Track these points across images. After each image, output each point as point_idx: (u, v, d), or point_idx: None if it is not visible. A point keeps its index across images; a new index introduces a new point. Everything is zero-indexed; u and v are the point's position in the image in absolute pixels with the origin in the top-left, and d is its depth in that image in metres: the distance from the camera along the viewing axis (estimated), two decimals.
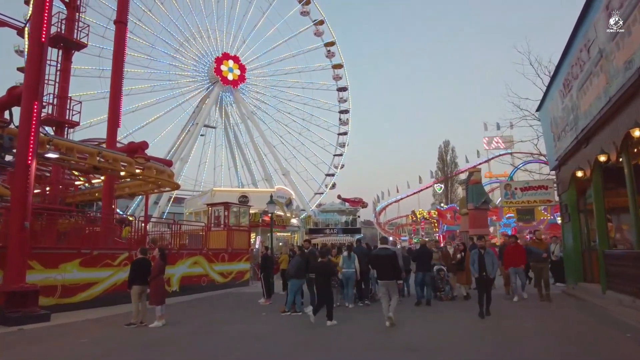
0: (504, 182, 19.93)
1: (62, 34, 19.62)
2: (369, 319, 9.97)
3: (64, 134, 19.73)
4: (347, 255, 12.22)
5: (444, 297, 12.50)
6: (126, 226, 21.53)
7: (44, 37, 11.29)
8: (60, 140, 13.59)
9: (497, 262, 9.60)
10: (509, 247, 12.18)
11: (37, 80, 11.03)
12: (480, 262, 9.12)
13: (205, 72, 49.01)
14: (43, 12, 11.40)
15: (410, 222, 73.02)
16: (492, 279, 9.30)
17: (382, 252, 9.18)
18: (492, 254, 9.22)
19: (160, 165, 18.06)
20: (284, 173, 49.52)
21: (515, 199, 16.26)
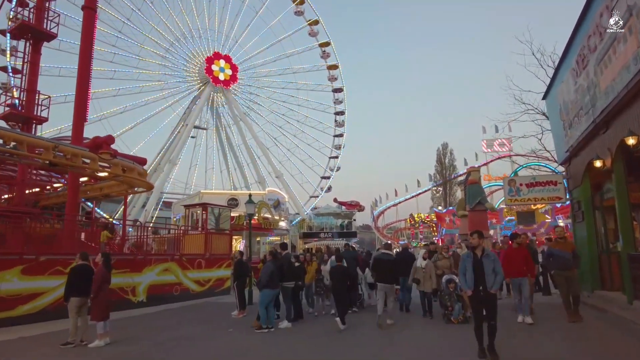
0: (507, 177, 18.32)
1: (29, 24, 18.20)
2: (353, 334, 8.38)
3: (32, 130, 18.24)
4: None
5: (454, 318, 9.12)
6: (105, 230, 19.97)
7: None
8: (6, 132, 12.00)
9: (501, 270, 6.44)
10: (510, 250, 9.27)
11: None
12: (476, 271, 6.22)
13: (196, 72, 47.49)
14: None
15: (409, 225, 71.50)
16: (494, 295, 6.22)
17: (384, 256, 9.59)
18: (494, 257, 6.36)
19: (129, 162, 16.47)
20: (277, 175, 47.89)
21: (521, 196, 14.65)
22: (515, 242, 9.25)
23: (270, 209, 31.32)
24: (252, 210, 14.44)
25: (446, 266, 10.04)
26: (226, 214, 20.73)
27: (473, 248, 6.41)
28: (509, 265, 8.53)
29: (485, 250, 6.36)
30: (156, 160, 44.88)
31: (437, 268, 10.00)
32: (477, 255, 6.32)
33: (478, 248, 6.35)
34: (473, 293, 6.24)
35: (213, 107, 50.11)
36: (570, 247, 8.95)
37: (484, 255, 6.29)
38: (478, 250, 6.34)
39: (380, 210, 76.10)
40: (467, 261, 6.39)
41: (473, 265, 6.25)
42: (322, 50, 55.16)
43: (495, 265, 6.25)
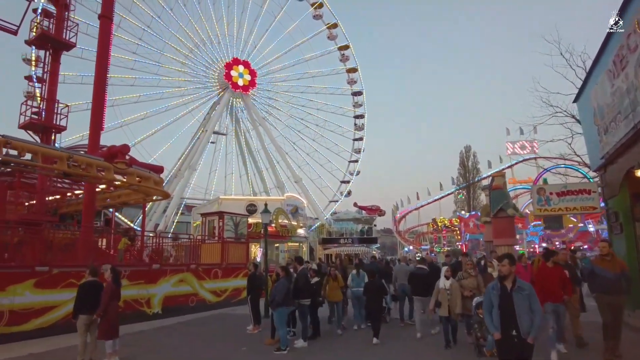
0: (536, 185, 17.39)
1: (50, 34, 18.30)
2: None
3: (51, 139, 18.34)
4: (355, 273, 11.26)
5: (487, 350, 7.58)
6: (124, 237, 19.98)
7: None
8: (20, 143, 11.92)
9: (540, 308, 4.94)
10: (544, 269, 7.74)
11: None
12: (505, 309, 4.80)
13: (216, 78, 47.75)
14: None
15: (432, 230, 70.13)
16: (530, 345, 4.73)
17: (419, 271, 10.26)
18: (530, 291, 4.85)
19: (145, 171, 16.31)
20: (296, 180, 47.60)
21: (551, 206, 13.75)
22: (551, 260, 7.79)
23: (288, 216, 30.94)
24: (267, 219, 14.03)
25: (473, 286, 8.52)
26: (244, 222, 20.45)
27: (502, 278, 4.97)
28: (542, 288, 7.15)
29: (517, 282, 4.90)
30: (176, 166, 45.22)
31: (462, 288, 8.50)
32: (506, 287, 4.89)
33: (508, 278, 4.91)
34: (502, 338, 4.81)
35: (232, 113, 50.27)
36: (618, 267, 7.32)
37: (515, 288, 4.83)
38: (508, 281, 4.89)
39: (402, 215, 74.92)
40: (493, 295, 4.96)
41: (501, 301, 4.83)
42: (341, 53, 54.77)
43: (532, 301, 4.79)
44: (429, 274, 9.96)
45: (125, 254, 17.79)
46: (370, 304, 9.82)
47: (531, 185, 33.89)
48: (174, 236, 22.85)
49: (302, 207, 36.37)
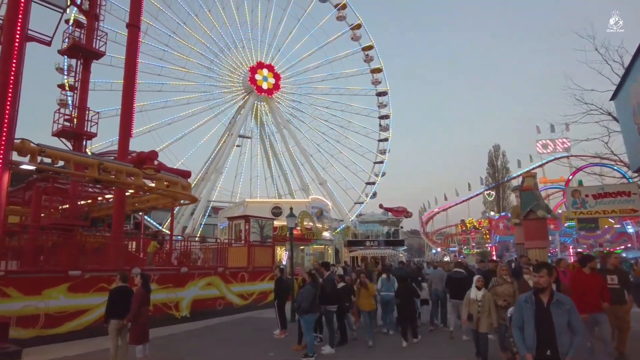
0: (571, 188, 16.70)
1: (80, 44, 18.84)
2: None
3: (82, 145, 18.88)
4: (385, 277, 11.21)
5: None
6: (153, 240, 20.39)
7: (18, 34, 9.97)
8: (53, 151, 12.29)
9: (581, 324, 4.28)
10: (579, 276, 7.12)
11: (9, 82, 9.69)
12: (541, 325, 4.15)
13: (240, 82, 48.30)
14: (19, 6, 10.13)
15: (460, 231, 68.85)
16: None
17: (456, 274, 10.56)
18: (570, 306, 4.18)
19: (173, 176, 16.57)
20: (320, 182, 47.53)
21: (587, 208, 13.15)
22: (588, 266, 7.16)
23: (313, 219, 30.88)
24: (293, 223, 14.01)
25: (509, 293, 7.72)
26: (269, 224, 20.52)
27: (538, 290, 4.26)
28: (579, 298, 6.49)
29: (555, 295, 4.23)
30: (203, 170, 45.93)
31: (497, 297, 7.70)
32: (541, 300, 4.20)
33: (545, 291, 4.23)
34: (534, 359, 4.15)
35: (257, 116, 50.70)
36: None
37: (553, 302, 4.15)
38: (545, 295, 4.21)
39: (429, 216, 73.84)
40: (526, 309, 4.25)
41: (536, 316, 4.17)
42: (365, 54, 54.46)
43: (573, 318, 4.12)
44: (467, 277, 10.05)
45: (154, 256, 18.16)
46: (403, 306, 9.99)
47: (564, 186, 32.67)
48: (201, 239, 23.20)
49: (327, 210, 36.26)
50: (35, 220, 16.94)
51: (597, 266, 7.56)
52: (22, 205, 20.35)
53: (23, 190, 19.47)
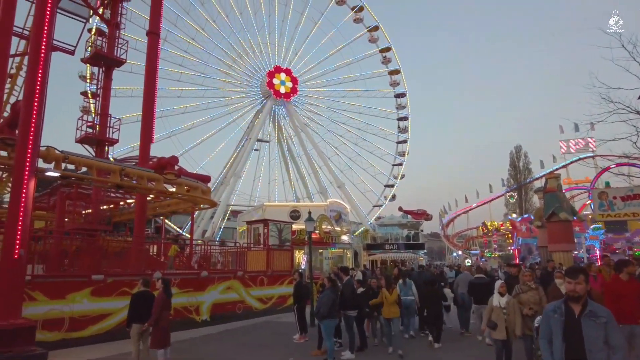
0: (597, 190, 16.20)
1: (102, 52, 19.26)
2: None
3: (104, 151, 19.28)
4: (402, 282, 11.16)
5: None
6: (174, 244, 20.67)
7: (44, 45, 10.22)
8: (77, 157, 12.56)
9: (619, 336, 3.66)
10: (616, 282, 6.47)
11: (35, 92, 9.93)
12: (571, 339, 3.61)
13: (258, 86, 48.70)
14: (44, 18, 10.39)
15: (481, 234, 67.61)
16: None
17: (478, 280, 10.68)
18: (608, 318, 3.56)
19: (193, 181, 16.78)
20: (339, 185, 47.45)
21: (615, 211, 12.75)
22: (625, 272, 6.44)
23: (331, 222, 30.79)
24: (311, 227, 13.98)
25: (534, 301, 7.18)
26: (288, 228, 20.55)
27: (571, 299, 3.66)
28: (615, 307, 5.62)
29: (589, 305, 3.61)
30: (222, 174, 46.39)
31: (522, 304, 7.17)
32: (572, 311, 3.62)
33: (580, 300, 3.62)
34: None
35: (275, 120, 50.99)
36: None
37: (586, 313, 3.56)
38: (577, 304, 3.62)
39: (450, 218, 72.79)
40: (554, 321, 3.71)
41: (565, 328, 3.62)
42: (383, 56, 54.27)
43: (611, 333, 3.54)
44: (489, 282, 10.12)
45: (175, 260, 18.40)
46: (430, 310, 10.21)
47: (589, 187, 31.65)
48: (220, 243, 23.40)
49: (345, 213, 36.13)
50: (59, 225, 17.36)
51: (636, 272, 6.81)
52: (47, 211, 20.89)
53: (48, 196, 19.98)
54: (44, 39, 10.28)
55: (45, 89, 10.30)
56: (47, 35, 10.39)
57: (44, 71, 10.15)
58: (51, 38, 10.79)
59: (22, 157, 9.64)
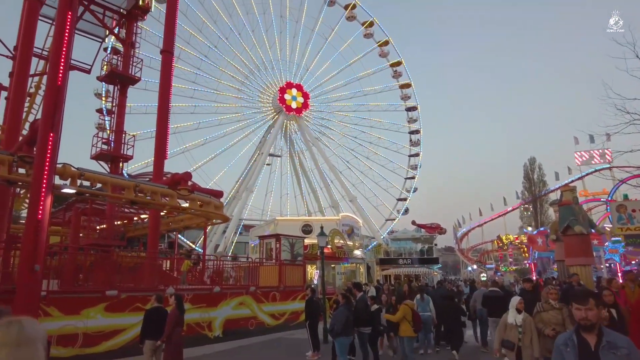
0: (616, 203, 15.88)
1: (118, 70, 19.68)
2: None
3: (119, 167, 19.56)
4: (419, 298, 11.25)
5: None
6: (187, 259, 20.73)
7: (62, 65, 10.50)
8: (92, 174, 12.77)
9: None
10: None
11: (53, 110, 10.17)
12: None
13: (270, 102, 49.20)
14: (63, 39, 10.69)
15: (496, 248, 66.55)
16: None
17: (492, 293, 10.88)
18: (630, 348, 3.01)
19: (206, 196, 16.87)
20: (351, 199, 47.27)
21: (634, 224, 12.43)
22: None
23: (344, 236, 30.61)
24: (324, 242, 13.91)
25: (557, 322, 6.51)
26: (300, 243, 20.49)
27: (584, 328, 3.16)
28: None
29: (605, 334, 3.10)
30: (234, 188, 46.67)
31: (543, 325, 6.54)
32: (587, 342, 3.12)
33: (592, 329, 3.13)
34: None
35: (286, 134, 51.32)
36: None
37: (603, 345, 3.05)
38: (592, 334, 3.12)
39: (464, 232, 71.87)
40: (567, 355, 3.22)
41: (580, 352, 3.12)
42: (394, 70, 54.49)
43: None
44: (504, 296, 10.29)
45: (187, 275, 18.43)
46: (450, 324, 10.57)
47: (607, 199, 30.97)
48: (232, 257, 23.42)
49: (357, 227, 35.89)
50: (74, 240, 17.57)
51: None
52: (62, 226, 21.19)
53: (63, 211, 20.29)
54: (62, 59, 10.56)
55: (63, 108, 10.55)
56: (66, 55, 10.68)
57: (61, 91, 10.41)
58: (69, 58, 11.09)
59: (39, 174, 9.84)
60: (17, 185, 12.78)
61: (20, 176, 11.38)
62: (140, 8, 19.59)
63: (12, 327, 1.85)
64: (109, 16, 19.02)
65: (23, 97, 14.85)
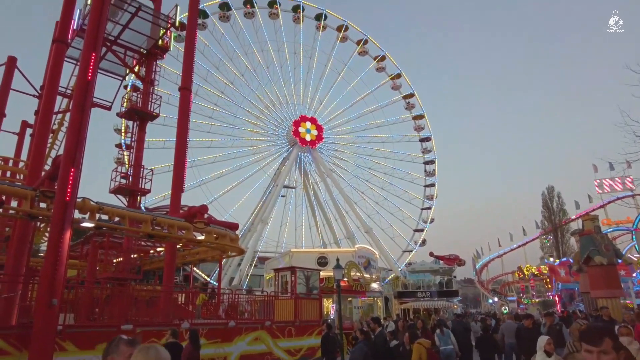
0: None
1: (137, 107, 20.29)
2: None
3: (137, 201, 19.83)
4: (439, 332, 10.97)
5: None
6: (202, 293, 20.60)
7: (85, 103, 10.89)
8: (111, 208, 12.95)
9: None
10: None
11: (75, 147, 10.47)
12: None
13: (285, 135, 49.98)
14: (87, 76, 11.14)
15: (518, 279, 64.58)
16: None
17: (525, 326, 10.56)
18: None
19: (222, 229, 16.90)
20: (366, 230, 46.86)
21: None
22: None
23: (360, 269, 30.13)
24: (340, 275, 13.71)
25: None
26: (315, 275, 20.20)
27: None
28: None
29: None
30: (250, 220, 46.79)
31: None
32: None
33: None
34: None
35: (300, 166, 51.76)
36: None
37: None
38: None
39: (483, 263, 70.15)
40: None
41: None
42: (407, 102, 55.13)
43: None
44: (537, 329, 10.30)
45: (202, 308, 18.25)
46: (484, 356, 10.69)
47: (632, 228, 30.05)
48: (247, 291, 23.19)
49: (374, 259, 35.35)
50: (91, 273, 17.66)
51: None
52: (80, 259, 21.39)
53: (81, 245, 20.53)
54: (85, 98, 10.96)
55: (84, 145, 10.85)
56: (89, 94, 11.09)
57: (83, 128, 10.74)
58: (92, 97, 11.51)
59: (60, 209, 10.02)
60: (38, 220, 13.01)
61: (41, 211, 11.62)
62: (159, 48, 20.34)
63: (151, 351, 2.44)
64: (130, 55, 19.79)
65: (47, 135, 15.32)
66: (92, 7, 12.27)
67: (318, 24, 51.20)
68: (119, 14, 17.47)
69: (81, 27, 17.40)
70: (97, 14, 11.87)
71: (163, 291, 15.96)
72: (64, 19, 14.81)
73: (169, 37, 21.06)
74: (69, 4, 14.72)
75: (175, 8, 19.26)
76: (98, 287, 13.80)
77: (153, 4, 20.23)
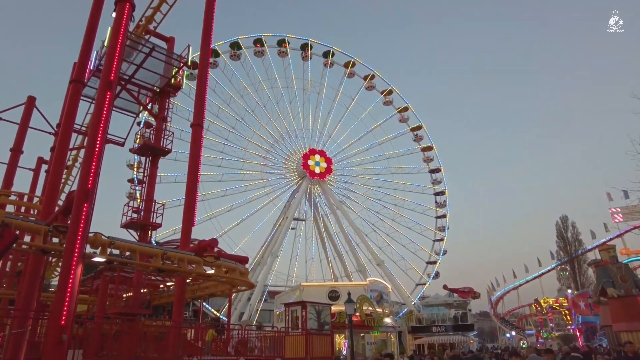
0: None
1: (150, 143, 20.73)
2: None
3: (148, 235, 19.93)
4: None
5: None
6: (212, 328, 20.31)
7: (99, 140, 11.21)
8: (122, 243, 13.04)
9: None
10: None
11: (88, 182, 10.69)
12: None
13: (294, 168, 50.42)
14: (102, 114, 11.51)
15: (535, 312, 62.50)
16: None
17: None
18: None
19: (231, 262, 16.84)
20: (378, 263, 46.19)
21: None
22: None
23: (372, 303, 29.51)
24: (351, 309, 13.46)
25: None
26: (326, 310, 19.85)
27: None
28: None
29: None
30: (259, 254, 46.55)
31: None
32: None
33: None
34: None
35: (310, 199, 51.83)
36: None
37: None
38: None
39: (499, 295, 68.23)
40: None
41: None
42: (415, 134, 55.51)
43: None
44: None
45: (211, 344, 17.92)
46: None
47: None
48: (257, 326, 22.79)
49: (386, 293, 34.65)
50: (100, 308, 17.57)
51: None
52: (90, 294, 21.32)
53: (92, 279, 20.53)
54: (99, 136, 11.29)
55: (97, 181, 11.09)
56: (103, 131, 11.44)
57: (97, 164, 11.01)
58: (106, 133, 11.85)
59: (72, 244, 10.14)
60: (50, 255, 13.13)
61: (54, 245, 11.73)
62: (172, 86, 20.99)
63: None
64: (144, 93, 20.41)
65: (61, 171, 15.68)
66: (108, 49, 12.83)
67: (326, 60, 52.55)
68: (134, 54, 18.19)
69: (97, 67, 18.10)
70: (112, 55, 12.40)
71: (172, 326, 15.78)
72: (82, 60, 15.44)
73: (182, 76, 21.73)
74: (87, 45, 15.37)
75: (187, 48, 19.97)
76: (107, 322, 13.68)
77: (166, 44, 21.03)
